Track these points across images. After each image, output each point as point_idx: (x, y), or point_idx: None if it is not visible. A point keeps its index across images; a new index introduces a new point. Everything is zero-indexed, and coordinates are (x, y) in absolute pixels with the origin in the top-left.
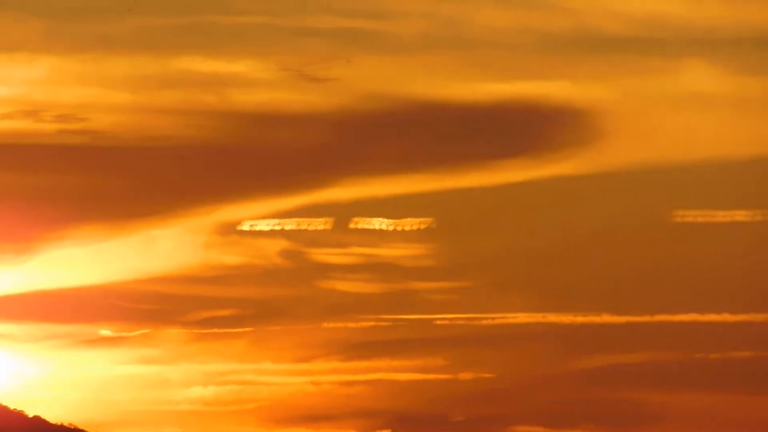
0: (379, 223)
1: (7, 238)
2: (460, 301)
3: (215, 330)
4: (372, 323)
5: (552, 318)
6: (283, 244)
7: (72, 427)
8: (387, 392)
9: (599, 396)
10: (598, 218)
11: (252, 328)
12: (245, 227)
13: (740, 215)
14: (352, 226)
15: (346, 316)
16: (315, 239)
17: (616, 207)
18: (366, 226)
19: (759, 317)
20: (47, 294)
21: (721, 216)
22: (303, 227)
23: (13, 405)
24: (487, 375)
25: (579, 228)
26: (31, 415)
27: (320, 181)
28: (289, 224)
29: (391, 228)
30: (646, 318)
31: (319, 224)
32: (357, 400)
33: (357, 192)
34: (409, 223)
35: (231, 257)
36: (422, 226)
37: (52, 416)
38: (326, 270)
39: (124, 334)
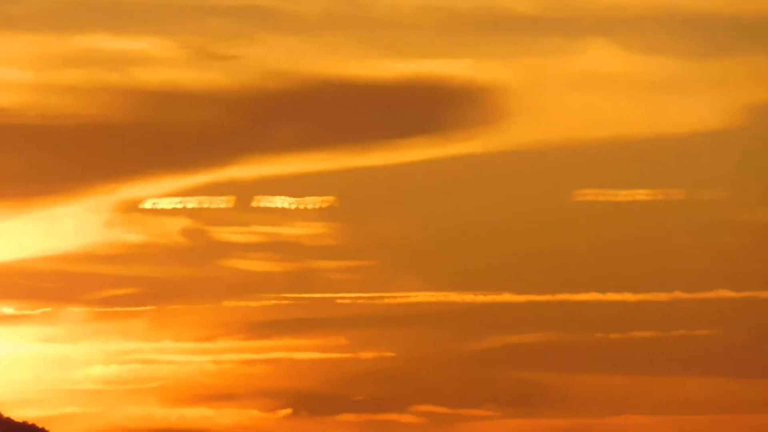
0: (281, 202)
1: None
2: (361, 280)
3: (117, 308)
4: (273, 302)
5: (453, 297)
6: (184, 222)
7: None
8: (288, 371)
9: (501, 376)
10: (499, 197)
11: (154, 307)
12: (147, 205)
13: (641, 194)
14: (254, 204)
15: (248, 295)
16: (217, 218)
17: (517, 186)
18: (268, 205)
19: (660, 296)
20: None
21: (623, 195)
22: (205, 205)
23: None
24: (388, 354)
25: (480, 207)
26: None
27: (222, 160)
28: (191, 202)
29: (293, 206)
30: (547, 297)
31: (221, 202)
32: (258, 379)
33: (259, 170)
34: (311, 202)
35: (133, 236)
36: (324, 205)
37: None
38: (228, 249)
39: (26, 312)
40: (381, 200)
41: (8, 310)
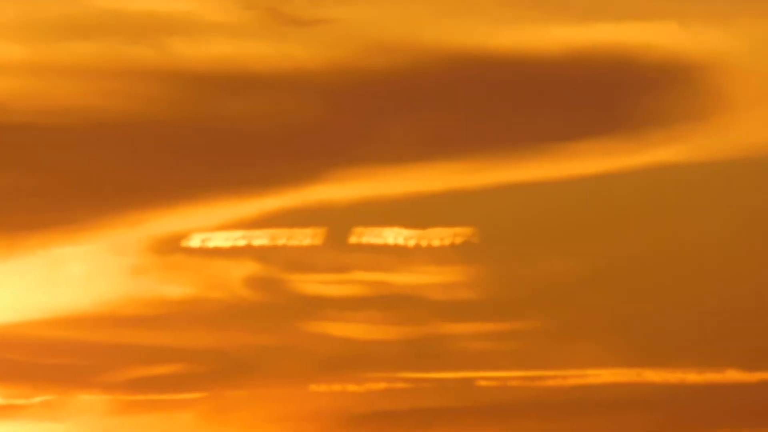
0: (394, 236)
1: None
2: (515, 351)
3: (151, 396)
4: (383, 385)
5: (651, 376)
6: (251, 267)
7: None
8: None
9: None
10: (718, 225)
11: (206, 394)
12: (195, 243)
13: None
14: (353, 240)
15: (345, 375)
16: (299, 261)
17: (745, 209)
18: (374, 241)
19: None
20: None
21: None
22: (280, 242)
23: None
24: None
25: (690, 238)
26: None
27: (306, 174)
28: (260, 238)
29: (411, 243)
30: None
31: (305, 238)
32: None
33: (361, 190)
34: (439, 235)
35: (174, 287)
36: (458, 240)
37: None
38: (316, 306)
39: (19, 401)
40: (540, 233)
41: None
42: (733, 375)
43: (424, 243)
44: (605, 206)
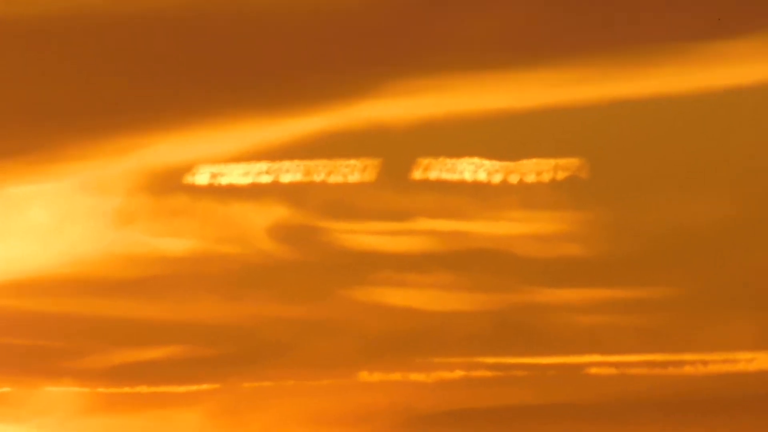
0: (471, 170)
1: None
2: (637, 328)
3: (142, 388)
4: (460, 373)
5: None
6: (278, 213)
7: None
8: None
9: None
10: None
11: (216, 385)
12: (202, 179)
13: None
14: (416, 175)
15: (407, 360)
16: (342, 203)
17: None
18: (445, 176)
19: None
20: None
21: None
22: (318, 178)
23: None
24: None
25: None
26: None
27: (354, 87)
28: (291, 172)
29: (495, 179)
30: None
31: (352, 172)
32: None
33: (426, 107)
34: (533, 169)
35: (173, 240)
36: (559, 175)
37: None
38: (366, 266)
39: None
40: (670, 162)
41: None
42: None
43: (512, 179)
44: (757, 125)
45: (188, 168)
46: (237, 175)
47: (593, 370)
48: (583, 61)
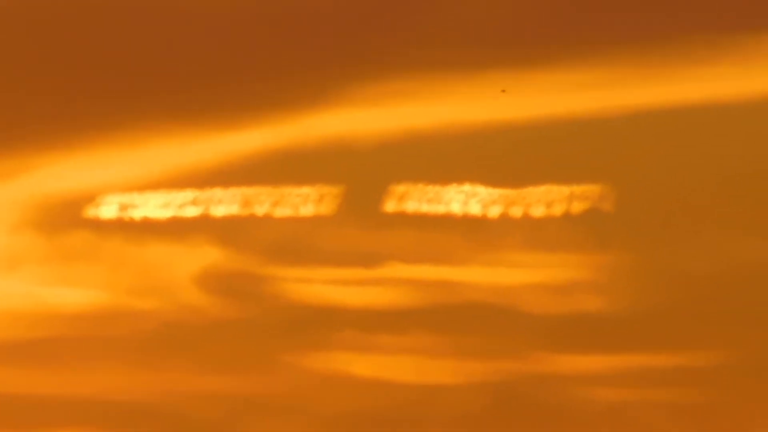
0: (461, 198)
1: None
2: (690, 409)
3: None
4: None
5: None
6: (209, 255)
7: None
8: None
9: None
10: None
11: None
12: (109, 210)
13: None
14: (389, 206)
15: None
16: (292, 244)
17: None
18: (427, 207)
19: None
20: None
21: None
22: (261, 210)
23: None
24: None
25: None
26: None
27: (307, 94)
28: (226, 203)
29: (493, 211)
30: None
31: (305, 202)
32: None
33: (397, 117)
34: (542, 197)
35: (70, 291)
36: (575, 206)
37: None
38: (324, 326)
39: None
40: (717, 189)
41: None
42: None
43: (514, 212)
44: None
45: (90, 197)
46: (154, 206)
47: None
48: (600, 59)
